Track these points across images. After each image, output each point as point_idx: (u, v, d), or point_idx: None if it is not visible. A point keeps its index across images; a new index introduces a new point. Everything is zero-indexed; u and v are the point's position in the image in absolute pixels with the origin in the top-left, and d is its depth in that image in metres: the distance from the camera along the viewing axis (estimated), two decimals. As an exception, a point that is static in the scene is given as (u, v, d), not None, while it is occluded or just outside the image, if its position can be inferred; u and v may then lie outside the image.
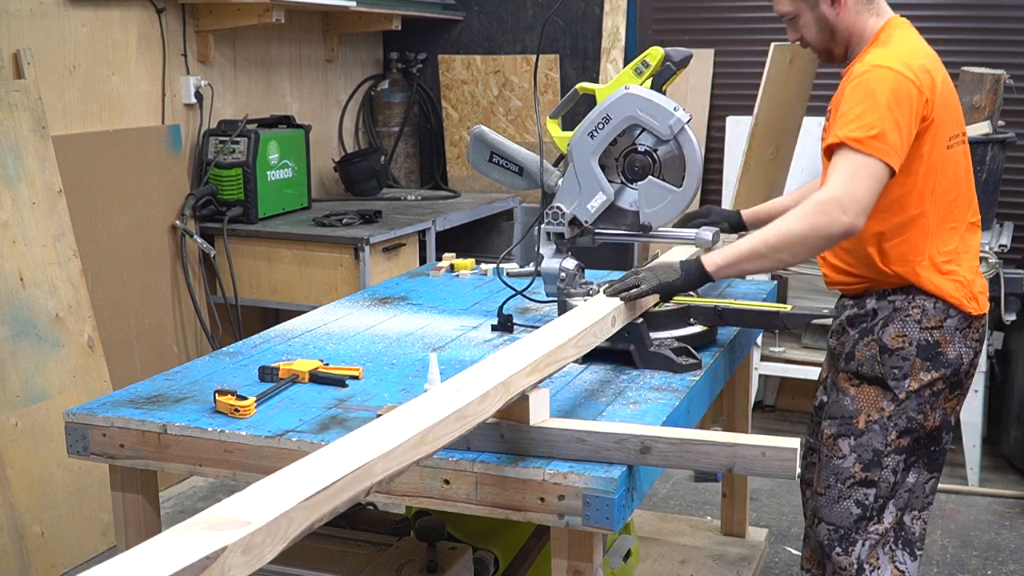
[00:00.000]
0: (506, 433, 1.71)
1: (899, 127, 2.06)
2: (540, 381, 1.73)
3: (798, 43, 2.34)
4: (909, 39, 2.22)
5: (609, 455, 1.68)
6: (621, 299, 2.12)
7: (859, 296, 2.29)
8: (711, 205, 2.86)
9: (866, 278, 2.26)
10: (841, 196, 2.04)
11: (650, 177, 2.30)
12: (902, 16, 2.29)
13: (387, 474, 1.31)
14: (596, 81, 4.89)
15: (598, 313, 2.02)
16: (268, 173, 4.18)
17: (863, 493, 2.23)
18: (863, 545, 2.24)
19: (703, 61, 4.84)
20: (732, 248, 2.15)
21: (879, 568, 2.25)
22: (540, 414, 1.73)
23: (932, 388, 2.22)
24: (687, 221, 2.57)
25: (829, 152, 2.12)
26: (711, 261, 2.15)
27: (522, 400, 1.69)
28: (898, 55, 2.14)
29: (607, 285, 2.18)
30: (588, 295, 2.30)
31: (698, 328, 2.32)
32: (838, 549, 2.25)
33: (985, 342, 2.70)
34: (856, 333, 2.26)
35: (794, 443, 1.57)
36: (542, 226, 2.37)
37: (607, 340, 2.09)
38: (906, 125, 2.08)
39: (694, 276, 2.15)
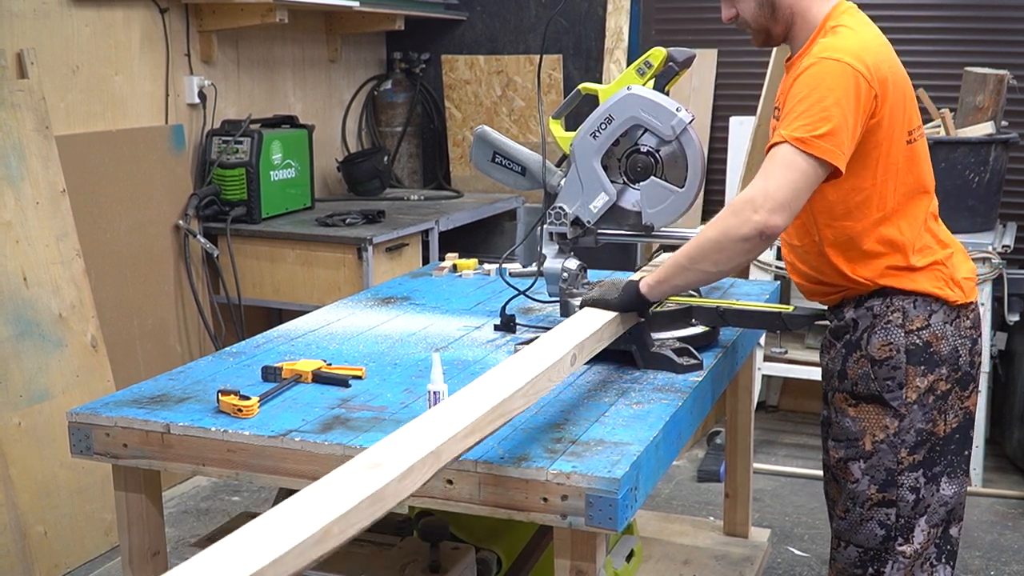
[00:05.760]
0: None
1: (846, 124, 1.92)
2: (480, 441, 1.56)
3: (732, 23, 2.17)
4: (859, 28, 2.05)
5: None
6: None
7: (837, 307, 2.17)
8: None
9: (838, 286, 2.14)
10: (755, 195, 1.91)
11: (652, 177, 2.30)
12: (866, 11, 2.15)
13: None
14: (599, 81, 4.90)
15: (554, 355, 1.82)
16: (271, 173, 4.19)
17: (884, 513, 2.12)
18: (893, 567, 2.13)
19: (706, 61, 4.84)
20: (663, 265, 2.07)
21: None
22: None
23: (935, 392, 2.08)
24: None
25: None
26: (645, 282, 2.09)
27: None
28: (848, 47, 1.97)
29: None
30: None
31: (700, 329, 2.31)
32: (871, 570, 2.16)
33: (987, 335, 2.56)
34: (843, 348, 2.14)
35: None
36: (545, 226, 2.37)
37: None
38: (853, 122, 1.93)
39: (630, 297, 2.09)
